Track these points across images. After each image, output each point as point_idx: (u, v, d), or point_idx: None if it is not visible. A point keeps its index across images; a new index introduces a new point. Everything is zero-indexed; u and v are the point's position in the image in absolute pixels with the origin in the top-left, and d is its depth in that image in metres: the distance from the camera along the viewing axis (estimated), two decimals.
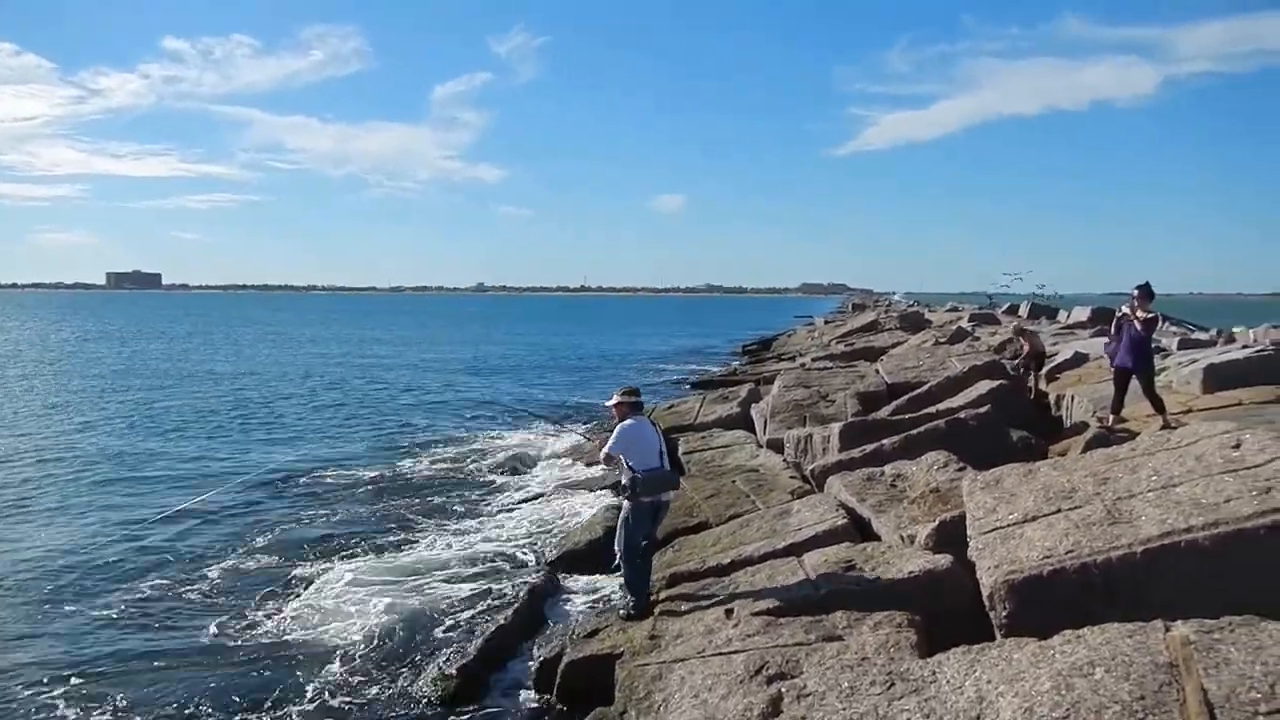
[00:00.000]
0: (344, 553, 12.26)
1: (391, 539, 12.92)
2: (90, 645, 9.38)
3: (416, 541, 12.75)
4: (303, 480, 17.26)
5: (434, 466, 18.45)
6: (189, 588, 11.11)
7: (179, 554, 12.57)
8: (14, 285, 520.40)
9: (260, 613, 10.06)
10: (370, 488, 16.58)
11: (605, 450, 8.34)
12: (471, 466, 18.19)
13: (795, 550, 8.59)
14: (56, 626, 9.91)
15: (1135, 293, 12.12)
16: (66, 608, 10.42)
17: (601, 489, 13.54)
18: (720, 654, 6.44)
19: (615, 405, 8.51)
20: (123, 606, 10.52)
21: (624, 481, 8.23)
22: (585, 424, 11.03)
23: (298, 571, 11.47)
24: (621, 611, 8.11)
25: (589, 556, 10.83)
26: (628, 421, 8.29)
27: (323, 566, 11.59)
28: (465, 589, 10.63)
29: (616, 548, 8.34)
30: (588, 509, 12.73)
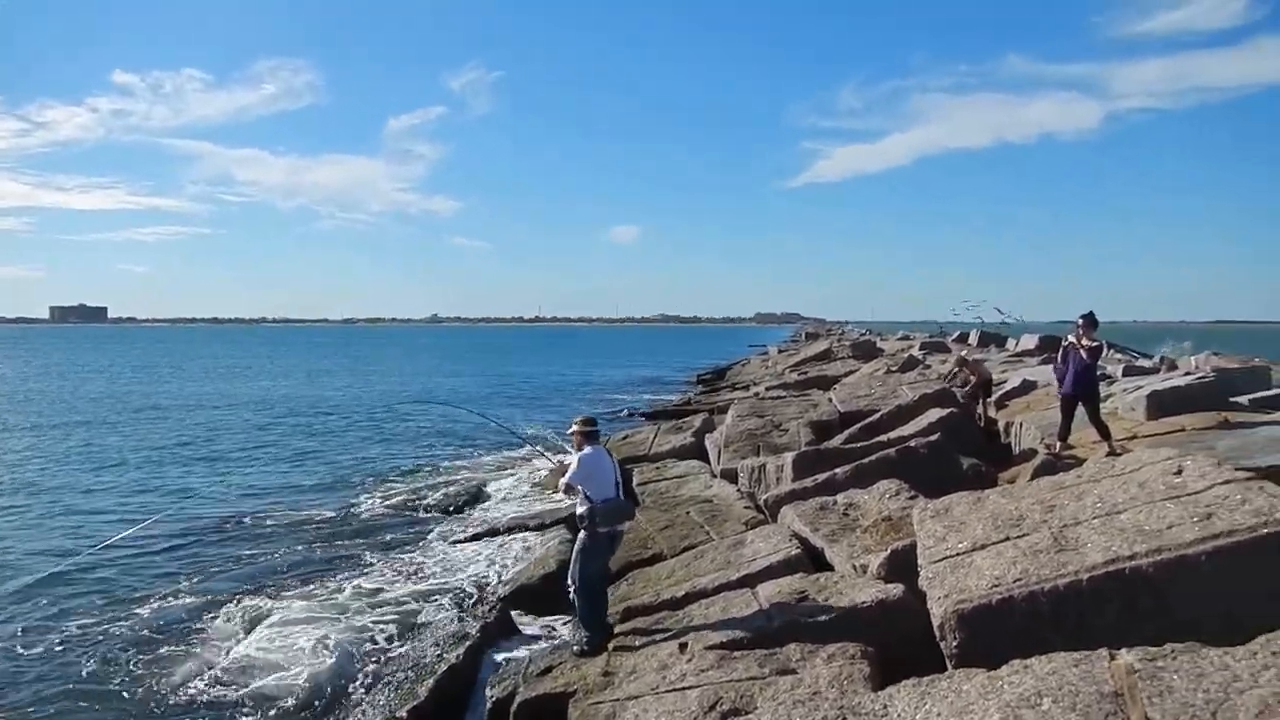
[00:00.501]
0: (287, 590, 12.03)
1: (338, 576, 12.71)
2: (14, 685, 9.10)
3: (364, 578, 12.55)
4: (246, 516, 16.94)
5: (382, 501, 18.20)
6: (118, 625, 10.86)
7: (108, 591, 12.31)
8: None
9: (195, 655, 9.82)
10: (316, 522, 16.33)
11: (565, 480, 8.26)
12: (420, 501, 17.97)
13: (749, 581, 8.57)
14: None
15: (1080, 321, 12.35)
16: None
17: (555, 523, 13.42)
18: (674, 690, 6.39)
19: (573, 434, 8.46)
20: (46, 645, 10.29)
21: (580, 512, 8.15)
22: (541, 453, 10.92)
23: (236, 610, 11.21)
24: (575, 648, 8.01)
25: (542, 592, 10.70)
26: (586, 450, 8.23)
27: (263, 605, 11.35)
28: (415, 627, 10.47)
29: (571, 580, 8.23)
30: (540, 543, 12.60)
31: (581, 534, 8.21)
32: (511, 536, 14.02)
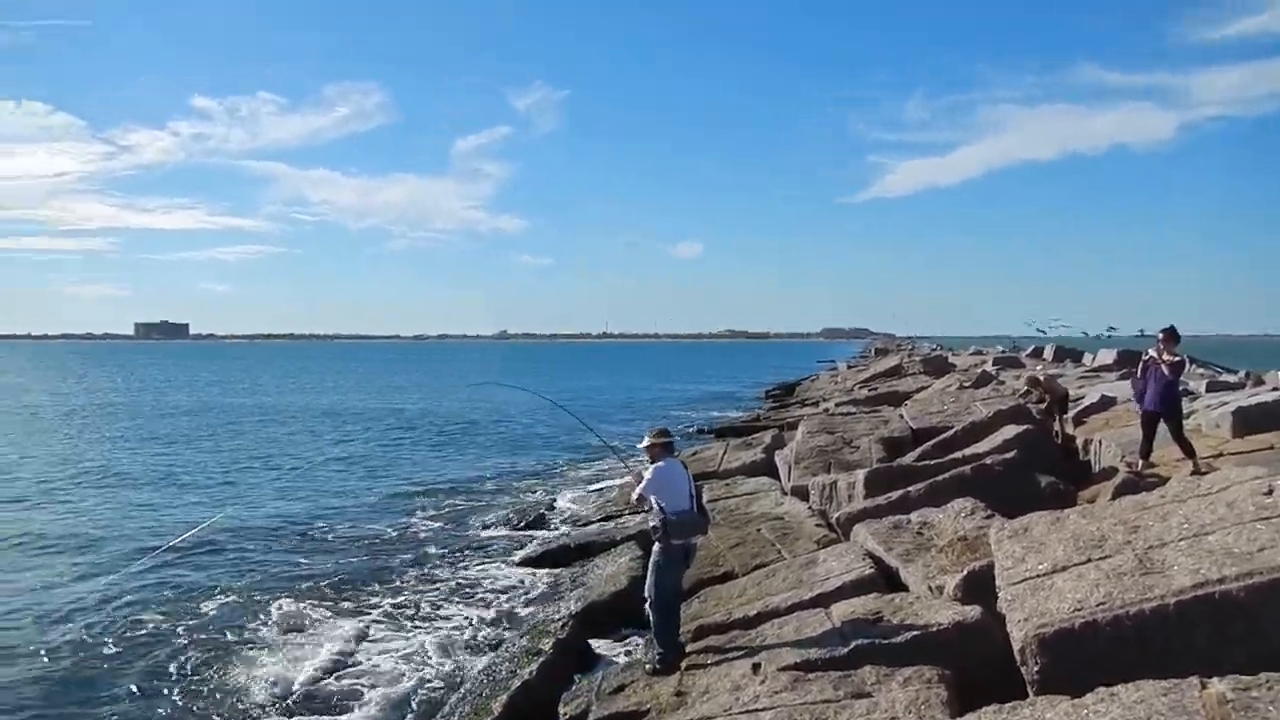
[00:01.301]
0: (355, 602, 12.32)
1: (407, 589, 12.96)
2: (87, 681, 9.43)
3: (433, 593, 12.78)
4: (318, 524, 17.57)
5: (454, 514, 18.51)
6: (182, 626, 11.35)
7: (174, 592, 12.93)
8: (45, 336, 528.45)
9: (261, 664, 10.07)
10: (387, 534, 16.68)
11: (638, 492, 8.25)
12: (491, 515, 18.19)
13: (822, 601, 8.49)
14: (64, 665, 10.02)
15: (1161, 336, 12.05)
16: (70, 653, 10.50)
17: (626, 539, 13.45)
18: (748, 711, 6.36)
19: (647, 447, 8.45)
20: (123, 641, 10.82)
21: (653, 524, 8.13)
22: (621, 460, 10.97)
23: (306, 620, 11.52)
24: (648, 665, 7.99)
25: (615, 608, 10.75)
26: (660, 463, 8.23)
27: (332, 616, 11.65)
28: (487, 644, 10.59)
29: (647, 594, 8.20)
30: (612, 560, 12.64)
31: (656, 547, 8.19)
32: (584, 553, 14.07)
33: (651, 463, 8.28)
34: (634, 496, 8.37)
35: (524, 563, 14.31)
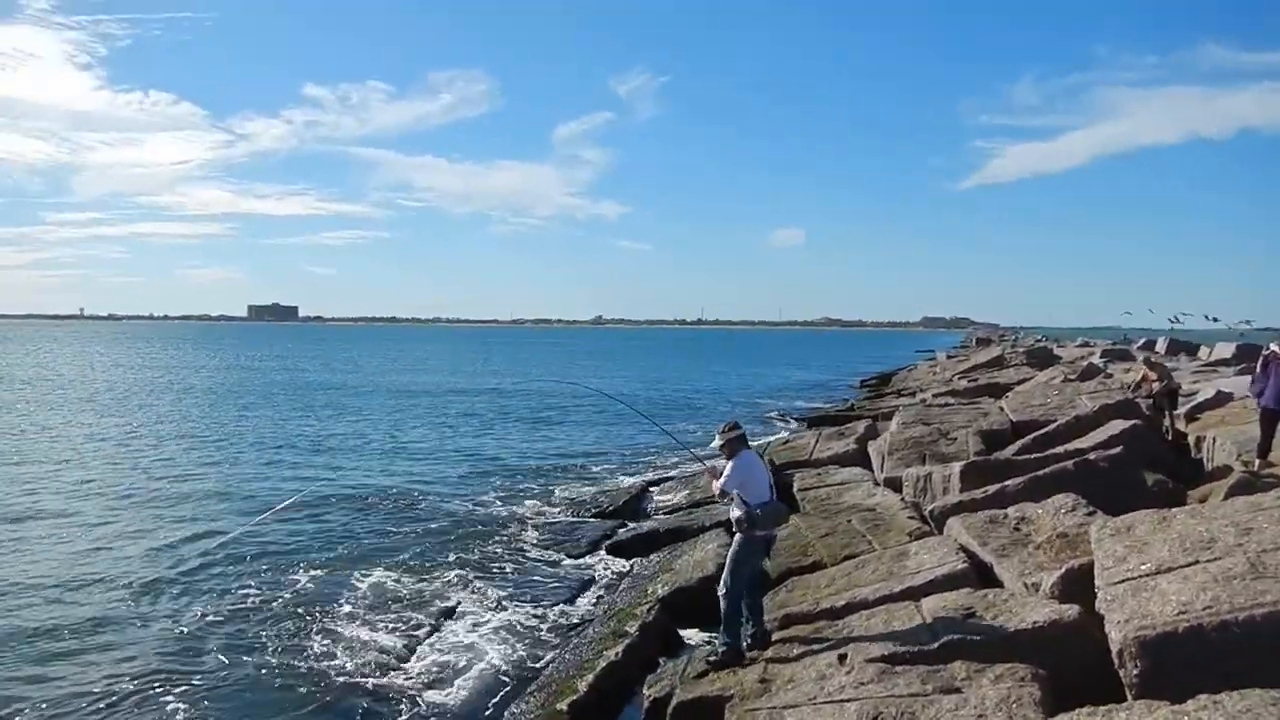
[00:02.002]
0: (445, 581, 12.56)
1: (495, 571, 13.16)
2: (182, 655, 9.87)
3: (520, 575, 12.99)
4: (418, 502, 17.91)
5: (541, 500, 18.68)
6: (274, 600, 11.67)
7: (261, 566, 13.34)
8: (165, 317, 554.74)
9: (358, 638, 10.34)
10: (479, 517, 16.95)
11: (720, 486, 8.19)
12: (579, 501, 18.35)
13: (912, 594, 8.34)
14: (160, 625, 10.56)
15: None
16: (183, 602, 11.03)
17: (713, 526, 13.43)
18: (832, 702, 6.29)
19: (722, 445, 8.39)
20: (217, 612, 11.23)
21: (737, 516, 8.09)
22: (696, 457, 10.92)
23: (393, 598, 11.80)
24: (712, 657, 7.93)
25: (700, 593, 10.69)
26: (739, 455, 8.18)
27: (423, 595, 11.90)
28: (573, 626, 10.72)
29: (723, 584, 8.18)
30: (699, 546, 12.64)
31: (738, 538, 8.16)
32: (673, 539, 14.11)
33: (729, 457, 8.20)
34: (716, 490, 8.29)
35: (613, 548, 14.41)
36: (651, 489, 19.48)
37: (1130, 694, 5.47)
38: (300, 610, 11.19)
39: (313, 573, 12.84)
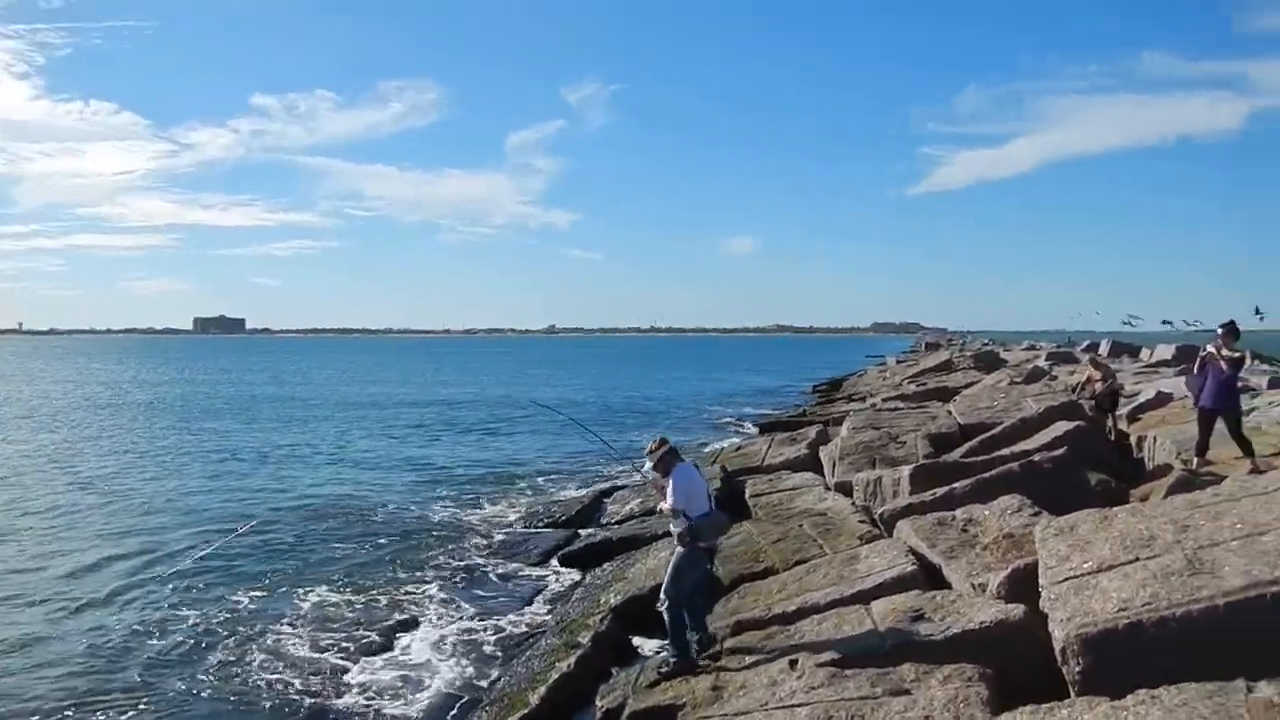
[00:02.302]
0: (397, 597, 12.34)
1: (446, 583, 13.02)
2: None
3: (472, 586, 12.88)
4: (361, 516, 17.63)
5: (492, 509, 18.61)
6: (215, 619, 11.43)
7: (205, 589, 12.89)
8: (108, 330, 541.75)
9: (304, 656, 10.14)
10: (428, 530, 16.71)
11: (670, 505, 8.10)
12: (530, 512, 18.22)
13: (863, 598, 8.39)
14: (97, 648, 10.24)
15: (1220, 331, 11.73)
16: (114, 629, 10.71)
17: (666, 534, 13.41)
18: (784, 707, 6.31)
19: (656, 464, 8.29)
20: (172, 631, 10.91)
21: (680, 530, 8.07)
22: (636, 469, 10.89)
23: (340, 615, 11.59)
24: (662, 668, 7.91)
25: (653, 602, 10.63)
26: (677, 470, 8.14)
27: (369, 611, 11.70)
28: (525, 637, 10.64)
29: (664, 595, 8.14)
30: (651, 554, 12.61)
31: (679, 550, 8.12)
32: (625, 548, 14.07)
33: (665, 474, 8.16)
34: (668, 510, 8.22)
35: (565, 558, 14.34)
36: (604, 498, 19.41)
37: (1073, 691, 5.56)
38: (243, 629, 10.98)
39: (257, 590, 12.61)
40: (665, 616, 8.00)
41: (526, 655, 9.80)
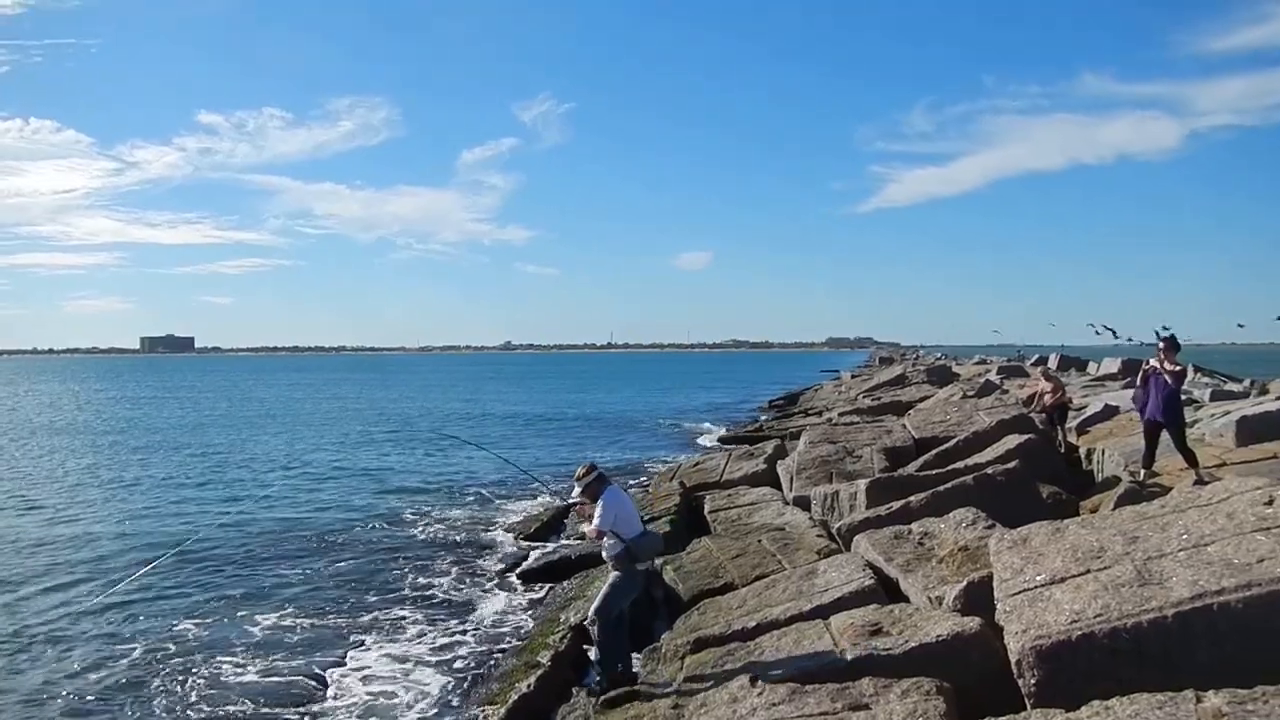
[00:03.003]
0: (351, 619, 12.12)
1: (403, 605, 12.85)
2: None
3: (428, 607, 12.70)
4: (307, 538, 17.32)
5: (449, 528, 18.34)
6: (160, 645, 11.10)
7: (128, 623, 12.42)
8: (50, 350, 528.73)
9: (250, 684, 9.91)
10: (381, 548, 16.53)
11: (596, 526, 8.14)
12: (491, 529, 18.11)
13: (822, 612, 8.46)
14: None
15: (1161, 345, 12.01)
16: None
17: None
18: None
19: (584, 490, 8.34)
20: (117, 655, 10.62)
21: (615, 553, 8.07)
22: (563, 495, 10.87)
23: (288, 639, 11.35)
24: (591, 684, 7.91)
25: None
26: (607, 493, 8.19)
27: (319, 635, 11.49)
28: (484, 657, 10.55)
29: (594, 615, 8.10)
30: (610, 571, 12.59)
31: (615, 574, 8.13)
32: (584, 565, 14.03)
33: (594, 499, 8.21)
34: (593, 532, 8.26)
35: (524, 575, 14.25)
36: (564, 515, 19.32)
37: (1029, 703, 5.64)
38: (185, 657, 10.68)
39: (202, 616, 12.31)
40: (596, 636, 8.03)
41: (485, 675, 9.73)
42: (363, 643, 11.06)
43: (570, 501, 9.11)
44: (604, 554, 8.30)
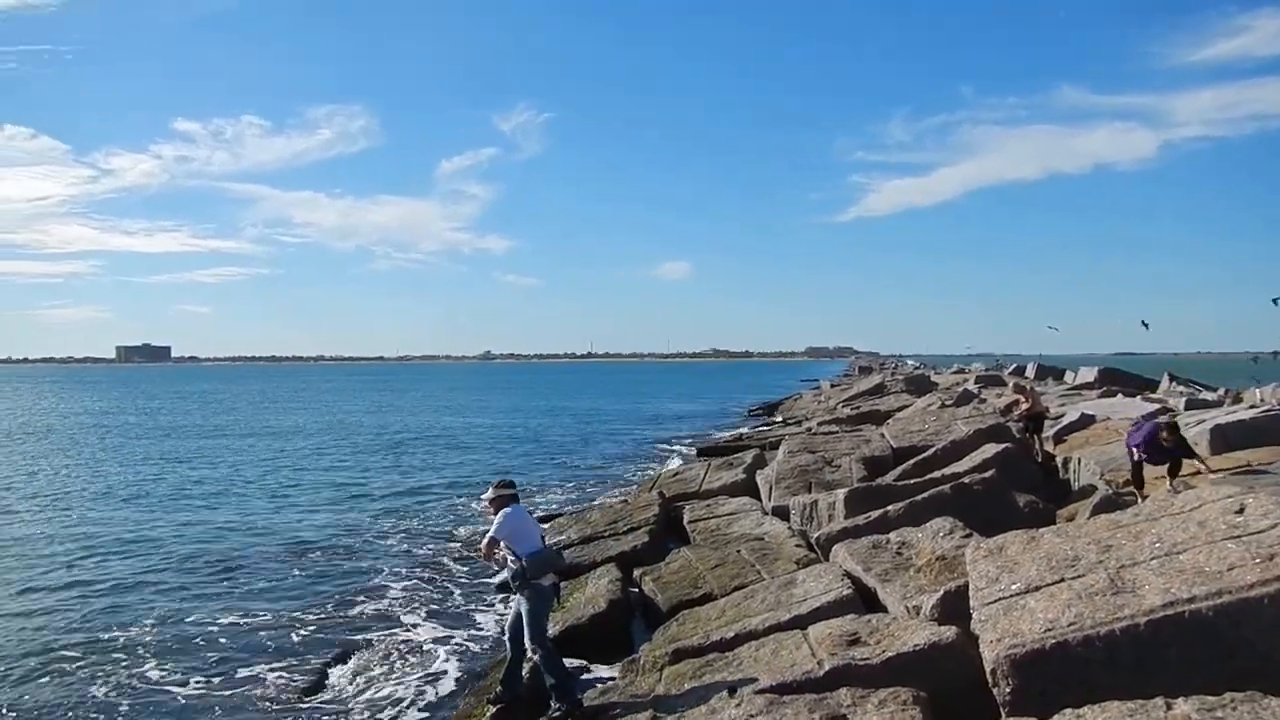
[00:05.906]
0: (331, 633, 12.04)
1: (382, 613, 12.79)
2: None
3: (408, 616, 12.63)
4: (289, 551, 17.15)
5: (427, 538, 18.23)
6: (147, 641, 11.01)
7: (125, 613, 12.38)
8: (24, 360, 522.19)
9: (217, 702, 9.84)
10: (358, 558, 16.43)
11: (489, 536, 8.15)
12: (466, 541, 18.01)
13: (800, 623, 8.49)
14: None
15: (1164, 434, 11.65)
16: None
17: (605, 561, 13.40)
18: None
19: (491, 500, 8.37)
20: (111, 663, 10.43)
21: (513, 570, 8.06)
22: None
23: (261, 655, 11.18)
24: (556, 711, 7.88)
25: (594, 632, 10.69)
26: (507, 509, 8.21)
27: (295, 650, 11.39)
28: (464, 669, 10.51)
29: (532, 643, 8.05)
30: (590, 583, 12.58)
31: (525, 594, 8.09)
32: (563, 576, 13.98)
33: (495, 512, 8.24)
34: (483, 544, 8.28)
35: (502, 587, 14.17)
36: (542, 525, 19.29)
37: (1004, 712, 5.68)
38: (163, 665, 10.62)
39: (177, 623, 12.24)
40: (542, 663, 8.00)
41: (462, 689, 9.69)
42: (336, 658, 10.93)
43: (480, 505, 9.12)
44: (505, 575, 8.27)
